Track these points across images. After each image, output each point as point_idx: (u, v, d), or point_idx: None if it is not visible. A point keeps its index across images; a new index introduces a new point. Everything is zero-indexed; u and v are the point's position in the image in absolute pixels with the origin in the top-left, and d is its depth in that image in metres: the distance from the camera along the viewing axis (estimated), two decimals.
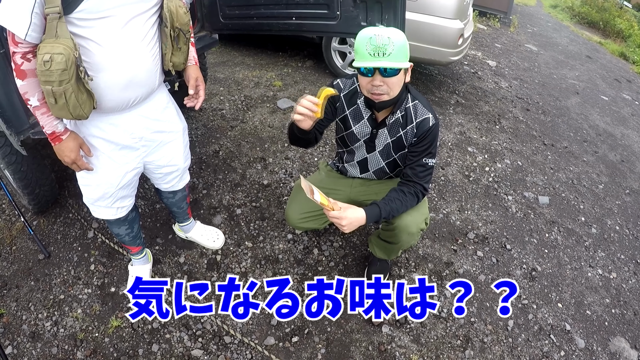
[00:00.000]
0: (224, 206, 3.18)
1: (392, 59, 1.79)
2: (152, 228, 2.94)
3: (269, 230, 3.01)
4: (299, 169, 3.65)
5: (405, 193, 2.10)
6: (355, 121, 2.21)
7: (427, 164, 2.11)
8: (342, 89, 2.19)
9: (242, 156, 3.75)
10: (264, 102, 4.66)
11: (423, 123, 2.09)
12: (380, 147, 2.25)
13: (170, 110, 2.14)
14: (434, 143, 2.11)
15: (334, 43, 5.20)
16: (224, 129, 4.10)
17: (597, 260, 3.36)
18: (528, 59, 8.11)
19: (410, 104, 2.11)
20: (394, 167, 2.36)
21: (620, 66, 11.07)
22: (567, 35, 12.46)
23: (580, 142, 5.27)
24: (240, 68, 5.53)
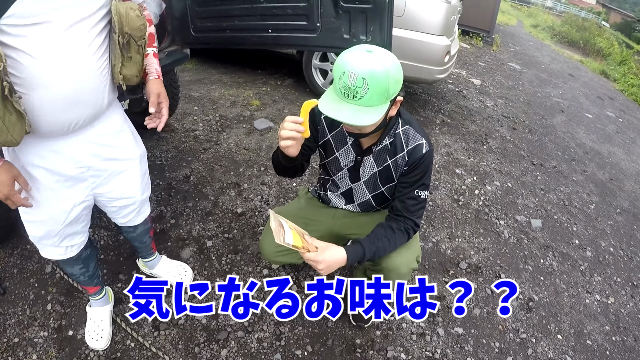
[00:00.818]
0: (193, 238, 2.91)
1: (363, 104, 1.49)
2: (114, 262, 2.67)
3: (242, 265, 2.74)
4: (276, 196, 3.41)
5: (393, 230, 1.84)
6: (338, 146, 1.97)
7: (419, 196, 1.85)
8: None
9: (214, 181, 3.49)
10: (240, 123, 4.43)
11: (415, 150, 1.81)
12: (365, 177, 1.99)
13: (125, 135, 1.87)
14: (427, 173, 1.85)
15: (315, 60, 5.00)
16: (196, 152, 3.85)
17: (594, 285, 3.23)
18: (512, 78, 8.08)
19: (400, 129, 1.83)
20: (381, 200, 2.08)
21: (602, 84, 11.31)
22: (548, 53, 12.61)
23: (568, 161, 5.23)
24: (217, 86, 5.31)
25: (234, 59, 6.24)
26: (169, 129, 4.11)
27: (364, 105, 1.49)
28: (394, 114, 1.72)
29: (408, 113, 1.88)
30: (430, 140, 1.85)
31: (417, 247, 2.07)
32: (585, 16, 21.23)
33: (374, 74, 1.45)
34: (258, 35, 2.88)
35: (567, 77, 9.97)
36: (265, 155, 3.88)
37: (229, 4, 2.87)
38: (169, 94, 3.62)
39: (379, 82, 1.46)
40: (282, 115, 4.65)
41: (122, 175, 1.88)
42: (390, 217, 1.91)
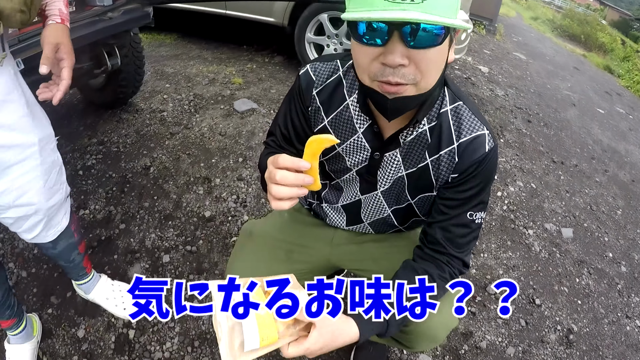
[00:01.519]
0: (146, 250, 2.26)
1: (430, 6, 0.79)
2: (46, 280, 2.06)
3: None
4: (256, 196, 2.75)
5: (433, 278, 1.15)
6: (343, 136, 1.23)
7: (474, 221, 1.16)
8: (314, 80, 1.21)
9: (179, 175, 2.85)
10: (217, 103, 3.79)
11: (473, 146, 1.09)
12: (385, 185, 1.24)
13: (12, 108, 1.25)
14: (488, 184, 1.15)
15: (309, 33, 4.33)
16: (161, 137, 3.21)
17: (633, 307, 2.79)
18: (519, 67, 7.64)
19: (448, 106, 1.11)
20: (405, 216, 1.34)
21: (607, 79, 11.18)
22: (551, 46, 12.31)
23: (588, 159, 4.82)
24: (195, 62, 4.70)
25: (217, 34, 5.70)
26: (132, 109, 3.49)
27: (434, 13, 0.80)
28: (453, 57, 0.99)
29: (456, 85, 1.17)
30: (492, 130, 1.15)
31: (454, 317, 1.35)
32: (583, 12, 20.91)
33: None
34: None
35: (573, 71, 9.62)
36: (245, 143, 3.25)
37: None
38: (130, 64, 3.01)
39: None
40: (267, 95, 4.03)
41: (11, 171, 1.27)
42: (425, 252, 1.22)
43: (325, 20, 4.20)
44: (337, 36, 4.23)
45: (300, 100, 1.23)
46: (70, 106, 3.50)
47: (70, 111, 3.42)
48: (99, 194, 2.58)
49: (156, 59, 4.70)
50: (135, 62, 3.09)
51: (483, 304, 2.32)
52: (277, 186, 0.91)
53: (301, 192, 0.92)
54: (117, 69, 2.90)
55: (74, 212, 2.38)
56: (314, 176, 0.93)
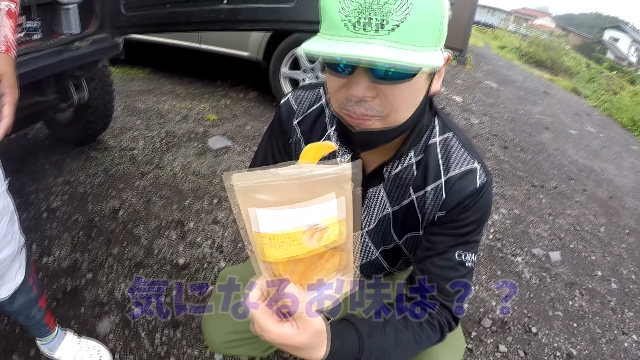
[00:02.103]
0: (116, 302, 2.12)
1: (399, 36, 0.71)
2: (7, 336, 1.90)
3: (184, 346, 1.97)
4: (233, 240, 2.63)
5: (419, 323, 1.00)
6: None
7: (464, 262, 1.01)
8: (295, 110, 1.13)
9: (150, 219, 2.71)
10: (190, 141, 3.69)
11: (462, 182, 0.98)
12: (370, 224, 1.13)
13: None
14: (482, 223, 1.02)
15: (284, 68, 4.30)
16: (131, 177, 3.08)
17: (628, 322, 2.77)
18: (491, 95, 7.77)
19: (437, 138, 1.01)
20: (395, 257, 1.22)
21: (575, 100, 11.44)
22: (519, 73, 12.58)
23: (566, 180, 4.86)
24: (168, 97, 4.62)
25: (191, 69, 5.65)
26: (101, 146, 3.37)
27: (401, 43, 0.71)
28: (438, 87, 0.90)
29: (446, 114, 1.08)
30: (485, 164, 1.04)
31: (462, 340, 1.26)
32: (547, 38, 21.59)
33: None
34: (208, 9, 2.12)
35: (543, 95, 9.80)
36: (220, 183, 3.13)
37: None
38: (99, 98, 2.90)
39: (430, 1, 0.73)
40: (242, 132, 3.96)
41: None
42: (409, 297, 1.07)
43: (301, 54, 4.18)
44: (313, 70, 4.20)
45: (281, 131, 1.14)
46: (36, 142, 3.36)
47: (35, 147, 3.28)
48: (64, 239, 2.43)
49: (127, 93, 4.60)
50: (105, 96, 2.97)
51: (479, 339, 2.24)
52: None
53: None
54: (85, 103, 2.78)
55: (35, 260, 2.24)
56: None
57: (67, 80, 2.60)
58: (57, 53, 2.22)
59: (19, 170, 2.94)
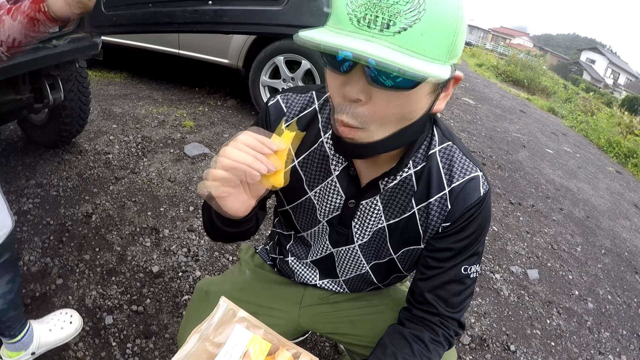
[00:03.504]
0: (86, 309, 2.04)
1: (405, 41, 0.66)
2: None
3: (156, 357, 1.89)
4: (209, 249, 2.56)
5: (425, 345, 0.98)
6: (313, 180, 1.07)
7: (469, 275, 1.01)
8: (285, 112, 1.05)
9: (124, 224, 2.63)
10: (166, 147, 3.61)
11: (466, 190, 0.96)
12: (363, 237, 1.08)
13: None
14: (484, 231, 1.01)
15: (264, 76, 4.25)
16: (105, 182, 3.00)
17: (604, 342, 2.80)
18: (469, 112, 7.84)
19: (437, 147, 0.97)
20: (387, 272, 1.17)
21: (552, 120, 11.59)
22: (497, 91, 12.74)
23: (543, 198, 4.90)
24: (145, 102, 4.53)
25: (168, 75, 5.59)
26: (75, 149, 3.28)
27: (405, 48, 0.66)
28: (442, 107, 0.84)
29: (446, 125, 1.03)
30: (485, 172, 1.02)
31: (454, 354, 1.23)
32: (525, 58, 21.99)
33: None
34: (192, 10, 2.02)
35: (520, 114, 9.93)
36: (196, 191, 3.02)
37: None
38: (75, 100, 2.83)
39: (446, 7, 0.67)
40: (220, 140, 3.91)
41: None
42: (414, 314, 1.05)
43: (281, 63, 4.13)
44: (293, 80, 4.16)
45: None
46: (9, 143, 3.27)
47: (8, 149, 3.19)
48: (34, 243, 2.34)
49: (104, 97, 4.51)
50: (81, 98, 2.88)
51: (458, 356, 2.21)
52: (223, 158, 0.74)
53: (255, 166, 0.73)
54: (60, 104, 2.69)
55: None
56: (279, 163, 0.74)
57: (42, 79, 2.50)
58: (33, 50, 2.12)
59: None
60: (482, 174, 0.97)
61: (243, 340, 0.82)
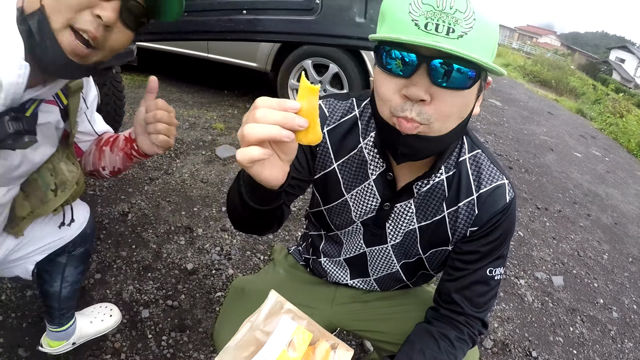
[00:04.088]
0: (123, 303, 2.13)
1: (465, 45, 0.74)
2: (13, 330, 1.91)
3: (190, 350, 1.98)
4: (241, 248, 2.64)
5: (451, 343, 1.05)
6: (351, 184, 1.12)
7: (494, 277, 1.08)
8: (327, 116, 1.10)
9: (159, 223, 2.72)
10: (198, 149, 3.71)
11: (493, 197, 1.03)
12: (396, 238, 1.15)
13: None
14: (508, 237, 1.07)
15: (292, 80, 4.34)
16: (140, 182, 3.10)
17: (627, 353, 2.77)
18: (495, 114, 7.79)
19: (467, 155, 1.04)
20: (415, 271, 1.25)
21: (580, 122, 11.38)
22: (523, 92, 12.60)
23: (570, 204, 4.86)
24: (175, 105, 4.65)
25: (198, 78, 5.70)
26: None
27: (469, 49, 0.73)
28: (478, 110, 0.93)
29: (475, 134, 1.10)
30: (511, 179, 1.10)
31: (476, 352, 1.31)
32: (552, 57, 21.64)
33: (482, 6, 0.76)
34: (227, 19, 2.08)
35: (547, 115, 9.82)
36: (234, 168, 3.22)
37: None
38: (110, 103, 2.93)
39: (488, 16, 0.77)
40: None
41: None
42: (441, 314, 1.13)
43: (309, 66, 4.21)
44: (321, 83, 4.23)
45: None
46: None
47: None
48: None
49: (135, 100, 4.61)
50: (116, 101, 2.97)
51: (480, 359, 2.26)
52: (252, 124, 0.69)
53: (284, 134, 0.68)
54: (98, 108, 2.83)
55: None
56: (310, 119, 0.70)
57: None
58: None
59: None
60: (508, 181, 1.04)
61: (289, 329, 0.90)
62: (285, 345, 0.88)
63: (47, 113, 1.09)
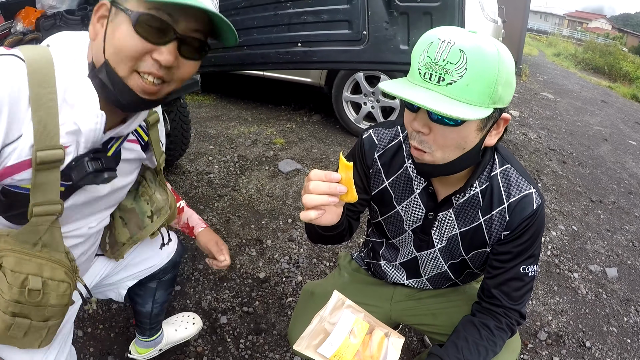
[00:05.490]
0: (203, 311, 2.37)
1: (453, 93, 0.95)
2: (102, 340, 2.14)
3: (266, 350, 2.20)
4: (308, 256, 2.86)
5: (491, 331, 1.25)
6: (400, 198, 1.35)
7: (527, 274, 1.25)
8: (377, 144, 1.34)
9: (231, 237, 2.94)
10: (262, 164, 3.94)
11: (522, 205, 1.20)
12: (441, 243, 1.37)
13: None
14: (538, 238, 1.25)
15: (346, 92, 4.56)
16: (209, 199, 3.35)
17: None
18: (548, 107, 7.69)
19: (497, 169, 1.23)
20: (461, 270, 1.46)
21: (635, 108, 10.99)
22: (576, 81, 12.26)
23: (625, 194, 4.80)
24: (236, 123, 4.90)
25: (255, 95, 5.92)
26: (179, 170, 3.66)
27: (453, 97, 0.95)
28: (493, 142, 1.13)
29: (506, 149, 1.30)
30: (539, 187, 1.27)
31: (518, 340, 1.48)
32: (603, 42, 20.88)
33: (479, 51, 0.93)
34: (284, 51, 2.31)
35: (601, 104, 9.58)
36: (293, 204, 3.39)
37: (246, 12, 2.32)
38: (177, 128, 3.16)
39: (484, 65, 0.93)
40: (310, 155, 4.21)
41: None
42: (483, 307, 1.32)
43: (361, 79, 4.41)
44: (373, 94, 4.42)
45: (362, 160, 1.36)
46: None
47: None
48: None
49: (197, 120, 4.86)
50: (182, 125, 3.19)
51: (535, 351, 2.38)
52: (308, 194, 0.98)
53: (331, 200, 0.97)
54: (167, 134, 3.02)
55: None
56: (348, 186, 0.97)
57: None
58: None
59: None
60: (535, 190, 1.21)
61: (350, 321, 1.14)
62: (347, 333, 1.11)
63: (129, 150, 1.23)
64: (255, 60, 2.46)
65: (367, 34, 2.11)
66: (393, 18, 2.03)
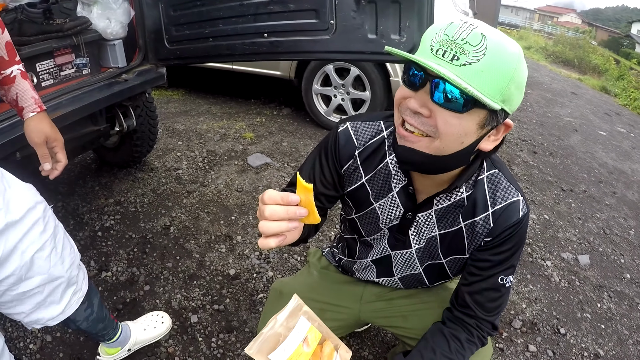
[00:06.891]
0: (173, 310, 2.32)
1: (466, 73, 0.85)
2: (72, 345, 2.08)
3: (239, 349, 2.15)
4: (279, 251, 2.81)
5: (461, 343, 1.21)
6: (378, 194, 1.26)
7: (504, 284, 1.20)
8: (356, 143, 1.24)
9: (200, 234, 2.89)
10: (231, 159, 3.88)
11: (507, 213, 1.13)
12: (419, 244, 1.29)
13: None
14: (519, 249, 1.19)
15: (316, 85, 4.52)
16: (178, 196, 3.28)
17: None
18: None
19: (484, 173, 1.16)
20: (438, 275, 1.38)
21: (604, 100, 11.21)
22: (547, 74, 12.45)
23: (596, 183, 4.89)
24: (205, 118, 4.82)
25: (224, 89, 5.87)
26: (147, 167, 3.58)
27: (466, 78, 0.85)
28: (488, 148, 1.02)
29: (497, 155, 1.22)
30: (525, 196, 1.20)
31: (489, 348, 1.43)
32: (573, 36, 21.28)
33: (501, 42, 0.87)
34: (250, 42, 2.26)
35: (571, 96, 9.72)
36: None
37: (212, 3, 2.28)
38: (144, 124, 3.08)
39: (504, 57, 0.87)
40: (280, 149, 4.16)
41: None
42: (455, 315, 1.26)
43: (331, 71, 4.37)
44: (343, 86, 4.39)
45: (335, 157, 1.24)
46: (83, 166, 3.56)
47: (84, 171, 3.48)
48: (120, 255, 2.62)
49: (166, 115, 4.77)
50: (149, 121, 3.11)
51: (510, 339, 2.39)
52: (265, 222, 0.85)
53: (291, 226, 0.86)
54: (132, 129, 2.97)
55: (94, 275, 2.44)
56: (308, 208, 0.87)
57: (116, 110, 2.82)
58: (108, 86, 2.42)
59: (71, 193, 3.15)
60: (522, 198, 1.14)
61: (304, 328, 1.10)
62: (301, 341, 1.08)
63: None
64: (222, 52, 2.42)
65: (335, 23, 2.07)
66: (361, 7, 1.99)
